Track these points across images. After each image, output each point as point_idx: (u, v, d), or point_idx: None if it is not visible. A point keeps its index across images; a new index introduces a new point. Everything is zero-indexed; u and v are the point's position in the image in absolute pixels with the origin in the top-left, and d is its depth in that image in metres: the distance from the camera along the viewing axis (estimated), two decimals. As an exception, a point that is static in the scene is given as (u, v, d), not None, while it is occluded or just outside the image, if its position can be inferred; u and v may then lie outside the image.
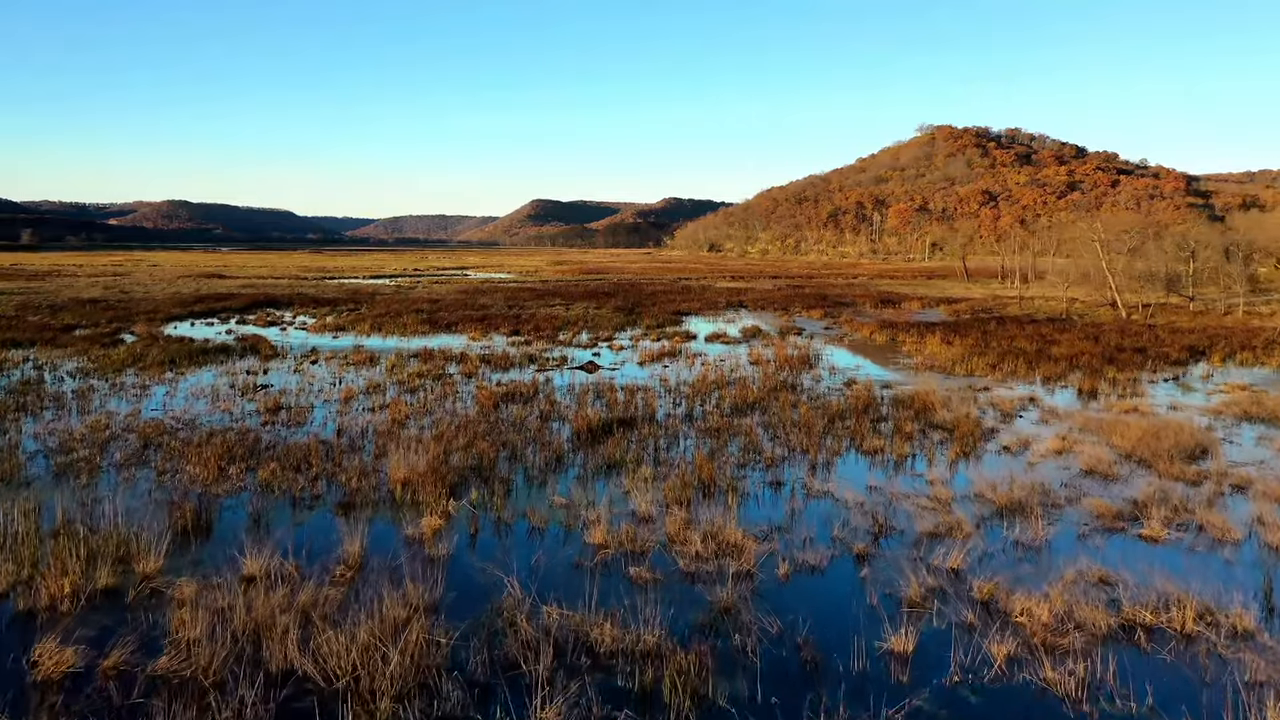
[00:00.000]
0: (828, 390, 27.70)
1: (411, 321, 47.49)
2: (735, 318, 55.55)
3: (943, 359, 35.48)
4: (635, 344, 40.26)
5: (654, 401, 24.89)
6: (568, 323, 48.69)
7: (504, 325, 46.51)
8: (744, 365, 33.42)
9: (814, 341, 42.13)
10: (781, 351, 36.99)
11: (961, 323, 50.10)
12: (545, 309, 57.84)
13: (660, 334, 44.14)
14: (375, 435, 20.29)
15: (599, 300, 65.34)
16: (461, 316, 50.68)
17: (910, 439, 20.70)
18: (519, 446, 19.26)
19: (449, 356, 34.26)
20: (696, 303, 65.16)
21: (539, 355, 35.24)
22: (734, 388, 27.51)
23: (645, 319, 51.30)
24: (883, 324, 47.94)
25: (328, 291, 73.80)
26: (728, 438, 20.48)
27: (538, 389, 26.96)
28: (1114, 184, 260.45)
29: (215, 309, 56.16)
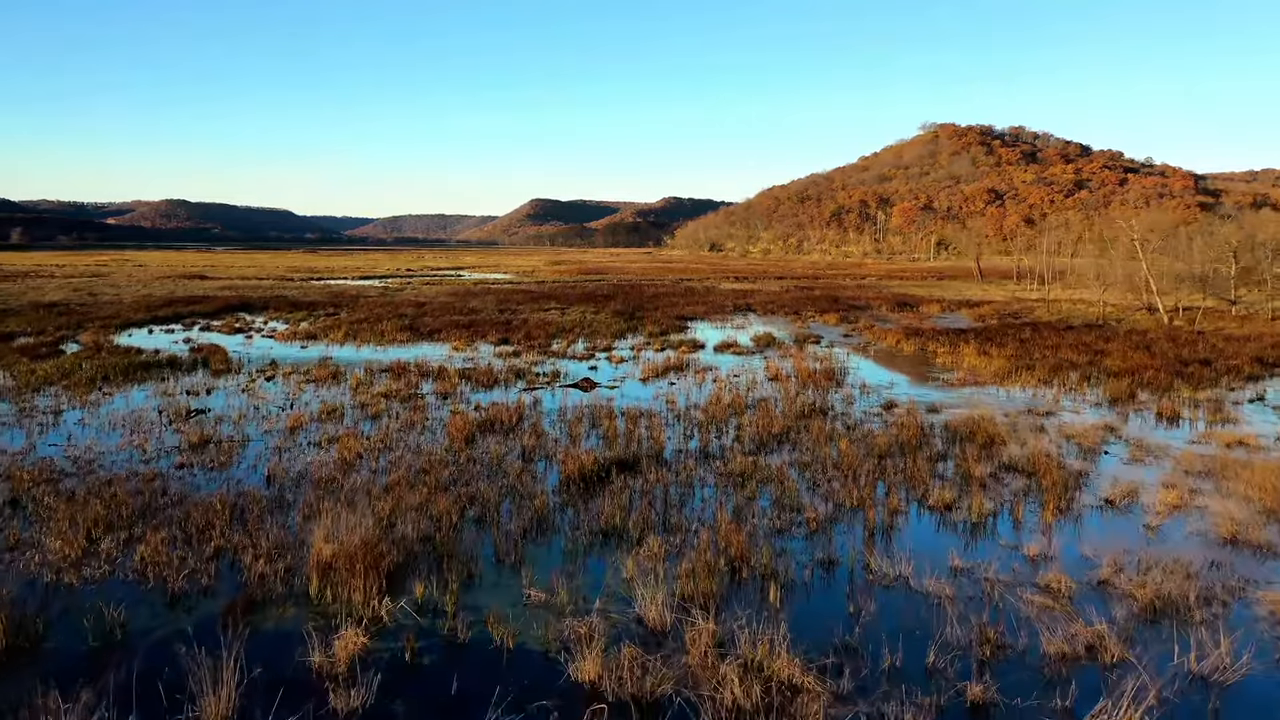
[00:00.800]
0: (865, 415, 23.50)
1: (391, 328, 43.26)
2: (744, 323, 51.35)
3: (985, 373, 31.31)
4: (637, 355, 36.06)
5: (660, 432, 20.69)
6: (563, 329, 44.49)
7: (492, 333, 42.31)
8: (761, 381, 29.22)
9: (835, 351, 37.92)
10: (802, 364, 32.78)
11: (991, 329, 45.90)
12: (539, 313, 53.63)
13: (664, 343, 39.93)
14: (311, 485, 16.08)
15: (597, 303, 61.14)
16: (447, 322, 46.47)
17: (984, 487, 16.51)
18: (491, 502, 15.05)
19: (425, 372, 30.05)
20: (701, 306, 60.97)
21: (528, 370, 31.01)
22: (754, 412, 23.31)
23: (647, 325, 47.11)
24: (908, 331, 43.72)
25: (310, 294, 69.60)
26: (755, 486, 16.27)
27: (522, 415, 22.75)
28: (1122, 182, 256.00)
29: (183, 313, 51.94)
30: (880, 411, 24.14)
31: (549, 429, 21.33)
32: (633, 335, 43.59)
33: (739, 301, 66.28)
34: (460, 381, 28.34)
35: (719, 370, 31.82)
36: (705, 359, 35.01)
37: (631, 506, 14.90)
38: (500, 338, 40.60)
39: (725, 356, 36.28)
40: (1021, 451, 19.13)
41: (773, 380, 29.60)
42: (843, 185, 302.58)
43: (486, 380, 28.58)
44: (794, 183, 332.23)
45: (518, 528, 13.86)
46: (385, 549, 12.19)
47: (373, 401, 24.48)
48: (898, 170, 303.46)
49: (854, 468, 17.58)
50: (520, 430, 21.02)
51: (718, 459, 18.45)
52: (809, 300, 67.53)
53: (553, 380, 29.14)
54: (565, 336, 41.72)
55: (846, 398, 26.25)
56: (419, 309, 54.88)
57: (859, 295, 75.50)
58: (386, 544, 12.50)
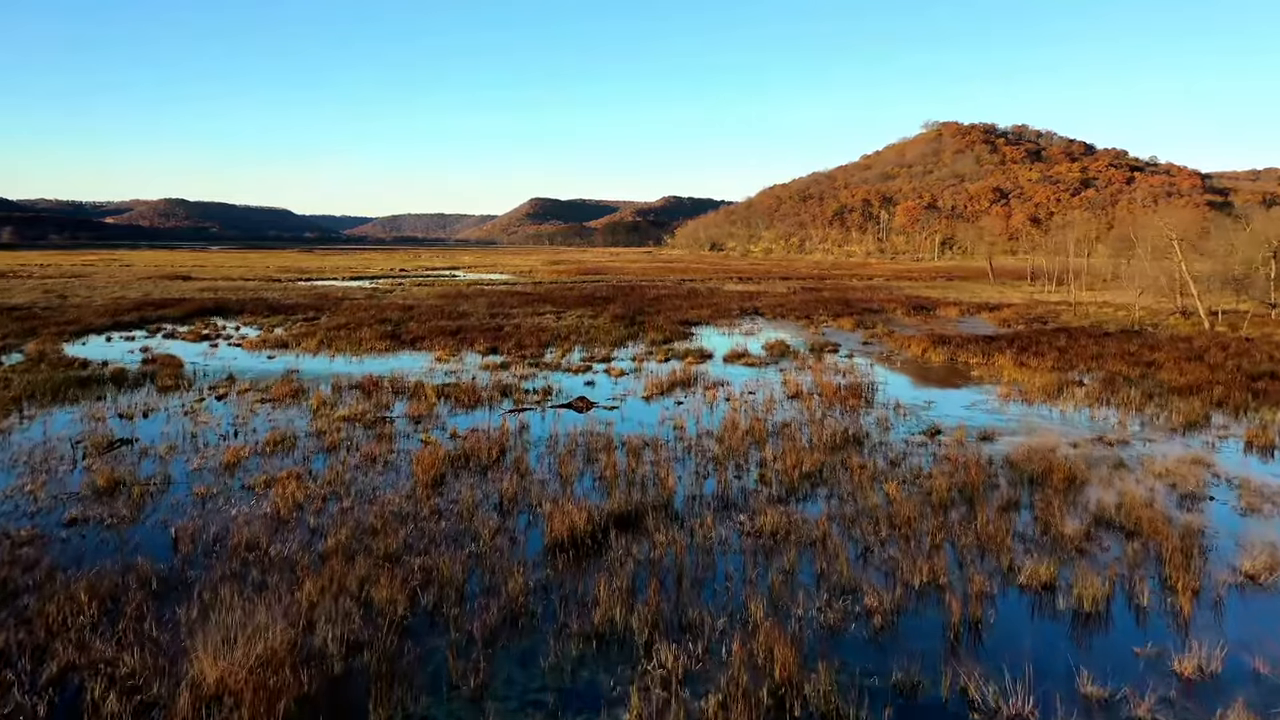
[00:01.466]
0: (908, 446, 20.00)
1: (370, 336, 39.73)
2: (753, 328, 47.82)
3: (1030, 388, 27.81)
4: (639, 366, 32.55)
5: (668, 471, 17.17)
6: (557, 337, 40.96)
7: (481, 340, 38.80)
8: (780, 400, 25.70)
9: (857, 363, 34.40)
10: (824, 379, 29.27)
11: (1021, 336, 42.39)
12: (533, 318, 50.11)
13: (668, 352, 36.40)
14: (226, 554, 12.58)
15: (595, 307, 57.62)
16: (433, 329, 42.94)
17: (1083, 553, 13.02)
18: (452, 582, 11.53)
19: (400, 388, 26.54)
20: (706, 309, 57.45)
21: (516, 386, 27.48)
22: (777, 442, 19.82)
23: (649, 331, 43.59)
24: (933, 339, 40.18)
25: (293, 296, 66.06)
26: (793, 554, 12.76)
27: (505, 446, 19.25)
28: (1129, 181, 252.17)
29: (150, 318, 48.41)
30: (924, 440, 20.63)
31: (535, 465, 17.82)
32: (634, 343, 40.08)
33: (745, 304, 62.76)
34: (438, 401, 24.82)
35: (731, 386, 28.31)
36: (714, 372, 31.49)
37: (635, 589, 11.39)
38: (489, 346, 37.07)
39: (736, 368, 32.77)
40: (1112, 498, 15.62)
41: (793, 399, 26.09)
42: (845, 184, 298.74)
43: (468, 399, 25.05)
44: (795, 181, 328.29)
45: (483, 627, 10.33)
46: (290, 675, 8.67)
47: (332, 428, 20.97)
48: (901, 169, 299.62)
49: (911, 524, 14.09)
50: (501, 468, 17.51)
51: (740, 510, 14.94)
52: (819, 303, 64.02)
53: (544, 399, 25.61)
54: (560, 345, 38.20)
55: (881, 421, 22.73)
56: (405, 313, 51.36)
57: (870, 297, 71.99)
58: (297, 660, 8.99)
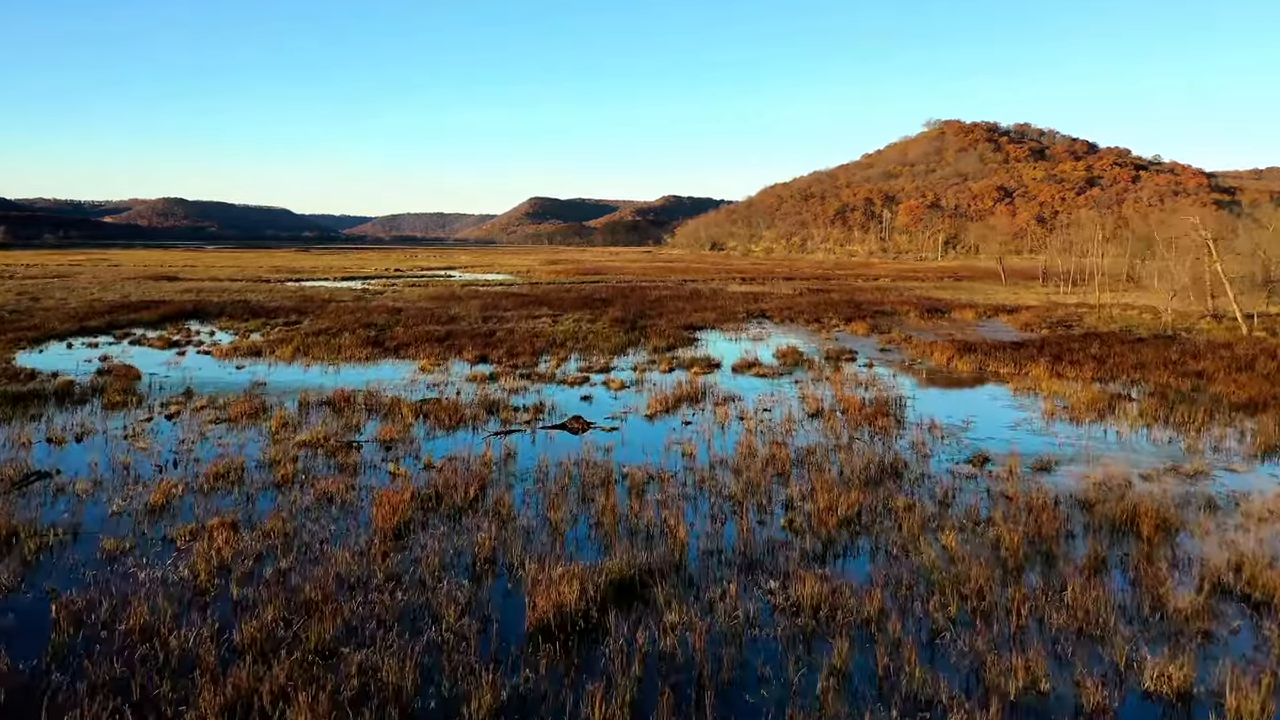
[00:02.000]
0: (955, 479, 17.20)
1: (352, 342, 36.92)
2: (761, 333, 45.01)
3: (1074, 402, 25.03)
4: (640, 377, 29.74)
5: (678, 516, 14.37)
6: (553, 343, 38.15)
7: (470, 347, 36.00)
8: (800, 419, 22.91)
9: (878, 373, 31.61)
10: (845, 393, 26.47)
11: (1049, 342, 39.60)
12: (528, 322, 47.30)
13: (672, 361, 33.59)
14: (114, 647, 9.75)
15: (594, 310, 54.81)
16: (420, 334, 40.11)
17: (1213, 639, 10.22)
18: (395, 696, 8.70)
19: (374, 406, 23.73)
20: (710, 312, 54.64)
21: (504, 402, 24.66)
22: (803, 474, 17.05)
23: (651, 337, 40.77)
24: (956, 345, 37.36)
25: (278, 298, 63.22)
26: (844, 647, 9.92)
27: (485, 482, 16.45)
28: (1134, 180, 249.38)
29: (121, 322, 45.57)
30: (972, 471, 17.83)
31: (519, 507, 15.01)
32: (635, 350, 37.27)
33: (751, 307, 59.96)
34: (415, 421, 22.01)
35: (743, 401, 25.50)
36: (724, 384, 28.68)
37: (642, 704, 8.57)
38: (478, 355, 34.25)
39: (747, 380, 29.96)
40: (1221, 554, 12.84)
41: (814, 417, 23.28)
42: (847, 183, 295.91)
43: (449, 419, 22.23)
44: (796, 180, 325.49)
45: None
46: None
47: (288, 456, 18.16)
48: (903, 167, 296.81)
49: (984, 594, 11.29)
50: (478, 511, 14.71)
51: (769, 573, 12.13)
52: (827, 305, 61.21)
53: (534, 418, 22.79)
54: (555, 353, 35.39)
55: (918, 446, 19.93)
56: (392, 316, 48.55)
57: (880, 299, 69.19)
58: None
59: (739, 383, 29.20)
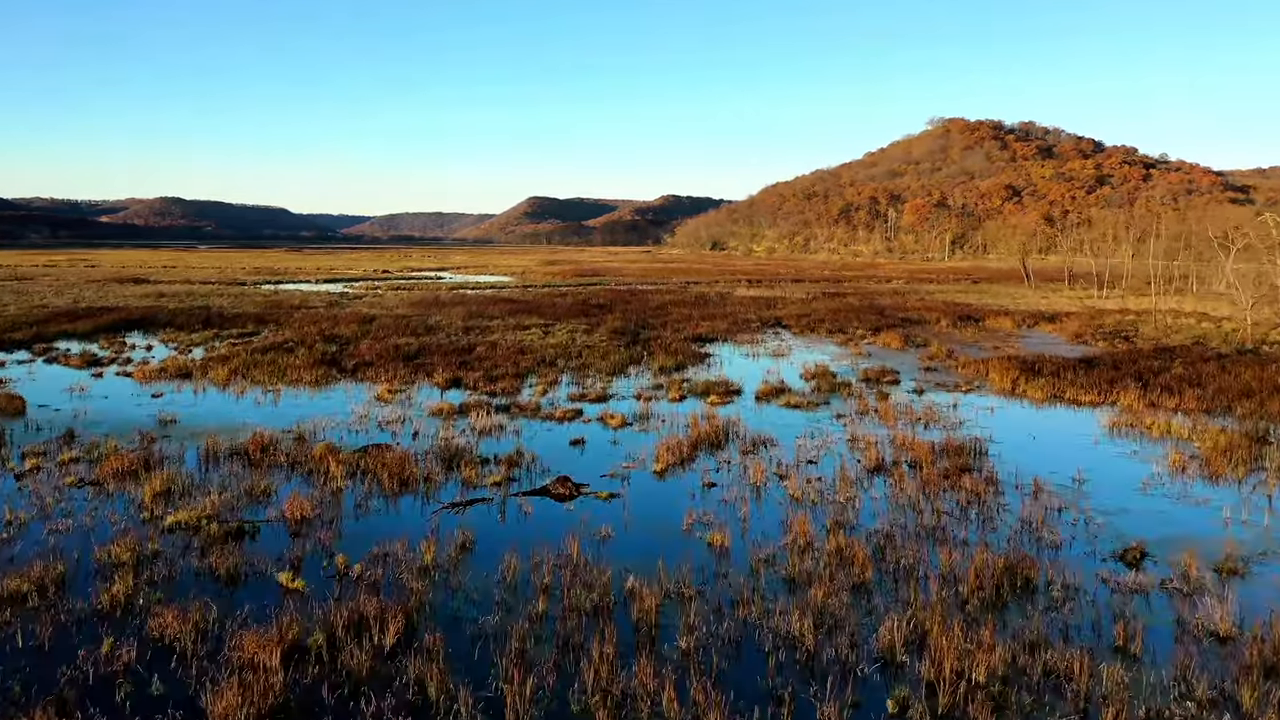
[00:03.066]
0: (1120, 599, 11.62)
1: (303, 361, 31.32)
2: (782, 347, 39.41)
3: (1204, 450, 19.49)
4: (645, 408, 24.16)
5: (715, 691, 8.79)
6: (541, 361, 32.58)
7: (443, 367, 30.45)
8: (857, 477, 17.34)
9: (933, 401, 26.03)
10: (902, 432, 20.92)
11: (1122, 359, 34.04)
12: (515, 333, 41.70)
13: (683, 385, 28.02)
14: None
15: (591, 318, 49.23)
16: (388, 349, 34.50)
17: None
18: None
19: (299, 457, 18.16)
20: (720, 321, 49.06)
21: (470, 450, 19.07)
22: (893, 588, 11.51)
23: (656, 352, 35.19)
24: (1015, 364, 31.74)
25: (246, 303, 57.58)
26: None
27: (423, 603, 10.90)
28: (1145, 178, 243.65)
29: (51, 333, 39.95)
30: (1137, 581, 12.23)
31: (458, 673, 9.40)
32: (637, 370, 31.71)
33: (764, 313, 54.38)
34: (346, 484, 16.44)
35: (778, 446, 19.95)
36: (749, 419, 23.08)
37: None
38: (450, 377, 28.67)
39: (777, 411, 24.41)
40: None
41: (876, 473, 17.73)
42: (850, 181, 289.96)
43: (393, 479, 16.65)
44: (799, 179, 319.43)
45: None
46: None
47: (143, 553, 12.58)
48: (908, 166, 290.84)
49: None
50: (399, 676, 9.12)
51: None
52: (847, 311, 55.62)
53: (507, 477, 17.17)
54: (543, 374, 29.82)
55: (1034, 527, 14.35)
56: (363, 327, 42.94)
57: (901, 304, 63.64)
58: None
59: (768, 416, 23.62)
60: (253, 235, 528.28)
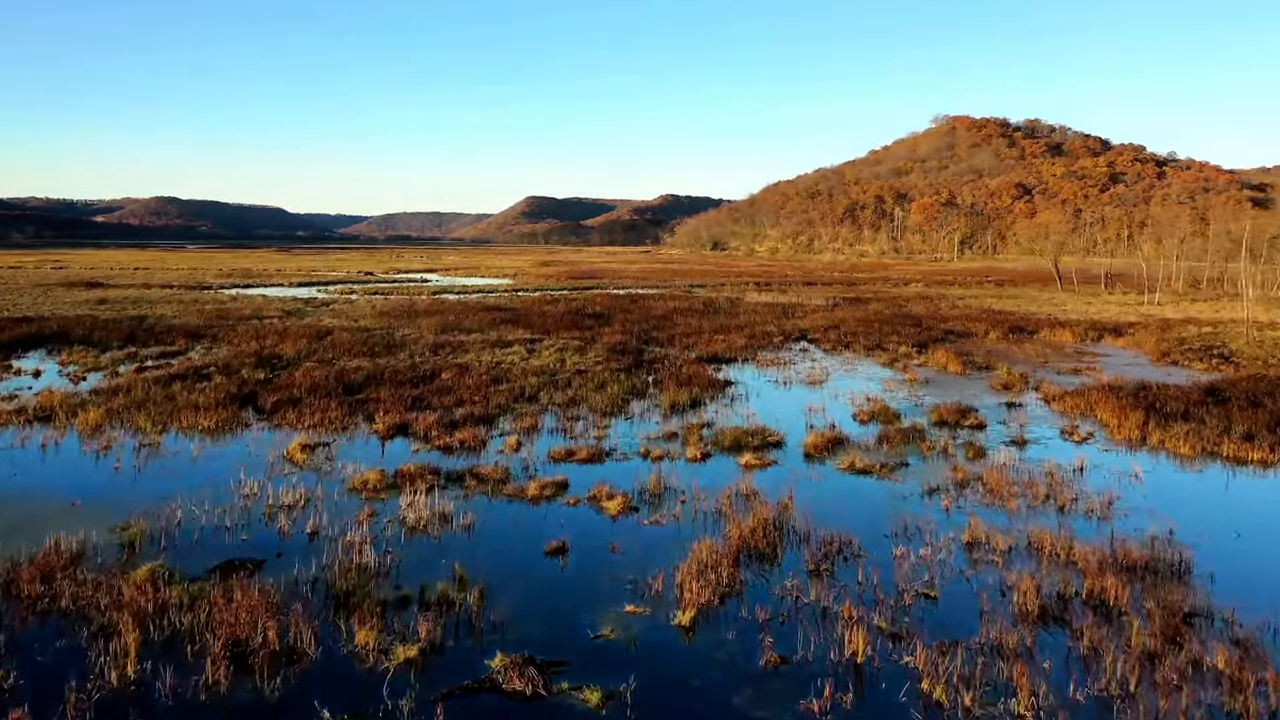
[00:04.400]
0: None
1: (214, 397, 24.24)
2: (816, 371, 32.37)
3: None
4: (656, 479, 17.07)
5: None
6: (520, 394, 25.57)
7: (392, 403, 23.45)
8: (1014, 632, 10.35)
9: (1053, 461, 19.01)
10: (1043, 533, 13.93)
11: (1260, 389, 27.08)
12: (493, 351, 34.65)
13: (705, 435, 21.00)
14: None
15: (585, 330, 42.21)
16: (328, 378, 27.45)
17: None
18: None
19: (95, 599, 11.15)
20: (735, 334, 42.06)
21: (380, 577, 12.06)
22: None
23: (665, 380, 28.19)
24: (1129, 399, 24.71)
25: (190, 313, 50.47)
26: None
27: None
28: (1159, 176, 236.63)
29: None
30: None
31: None
32: (642, 406, 24.69)
33: (784, 324, 47.39)
34: (136, 670, 9.42)
35: (861, 558, 12.97)
36: (804, 494, 16.07)
37: None
38: (395, 423, 21.64)
39: (838, 479, 17.43)
40: None
41: (1041, 623, 10.74)
42: (855, 180, 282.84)
43: (220, 661, 9.62)
44: (801, 178, 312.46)
45: None
46: None
47: None
48: (913, 164, 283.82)
49: None
50: None
51: None
52: (878, 321, 48.63)
53: (429, 652, 10.15)
54: (519, 416, 22.78)
55: None
56: (312, 344, 35.90)
57: (933, 311, 56.69)
58: None
59: (829, 490, 16.64)
60: (248, 235, 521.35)
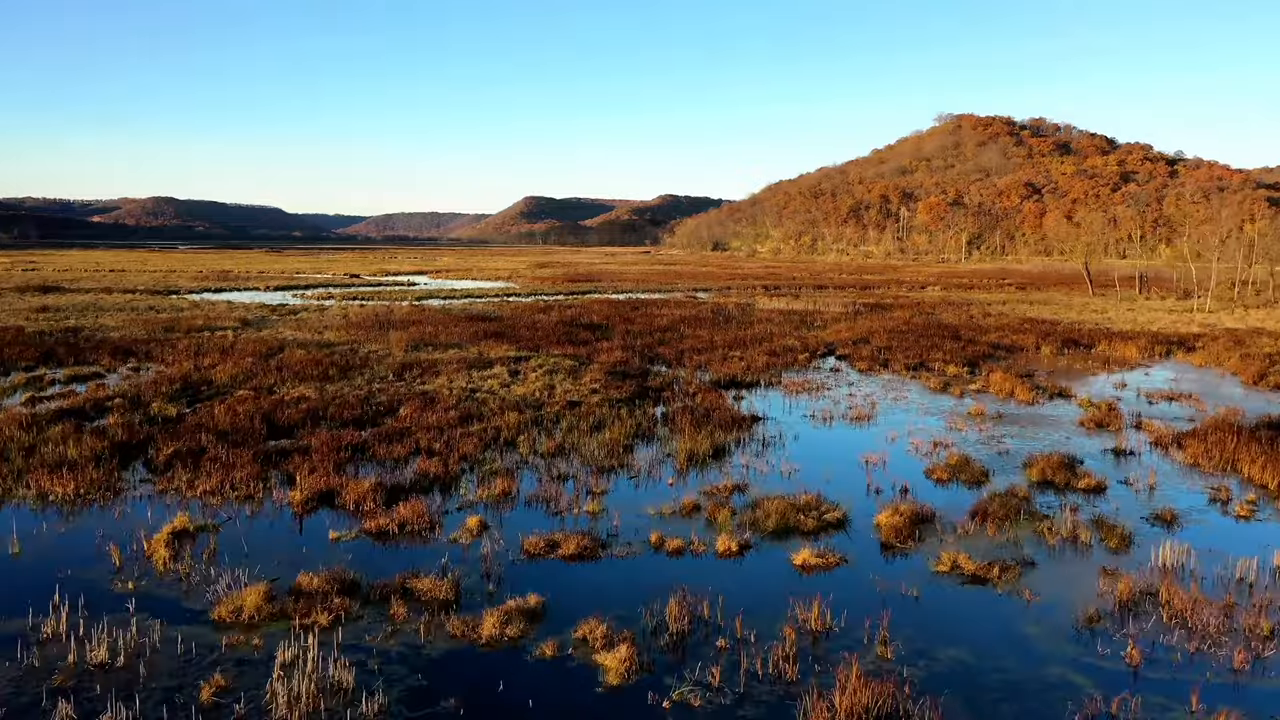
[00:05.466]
0: None
1: (95, 444, 18.68)
2: (857, 400, 26.81)
3: None
4: (681, 593, 11.55)
5: None
6: (494, 437, 20.03)
7: (329, 453, 17.90)
8: None
9: (1213, 548, 13.49)
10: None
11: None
12: (471, 375, 29.10)
13: (734, 509, 15.49)
14: None
15: (580, 344, 36.67)
16: (255, 413, 21.88)
17: None
18: None
19: None
20: (754, 349, 36.55)
21: None
22: None
23: (677, 416, 22.64)
24: (1270, 444, 19.26)
25: (135, 324, 44.89)
26: None
27: None
28: (1172, 175, 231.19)
29: None
30: None
31: None
32: (649, 456, 19.17)
33: (805, 335, 41.90)
34: None
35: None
36: (901, 618, 10.56)
37: None
38: (320, 488, 16.06)
39: (937, 593, 11.92)
40: None
41: None
42: (859, 179, 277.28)
43: None
44: (804, 177, 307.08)
45: None
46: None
47: None
48: (919, 162, 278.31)
49: None
50: None
51: None
52: (910, 334, 43.12)
53: None
54: (489, 473, 17.21)
55: None
56: (260, 362, 30.34)
57: (969, 321, 51.24)
58: None
59: (937, 619, 11.13)
60: (244, 235, 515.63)
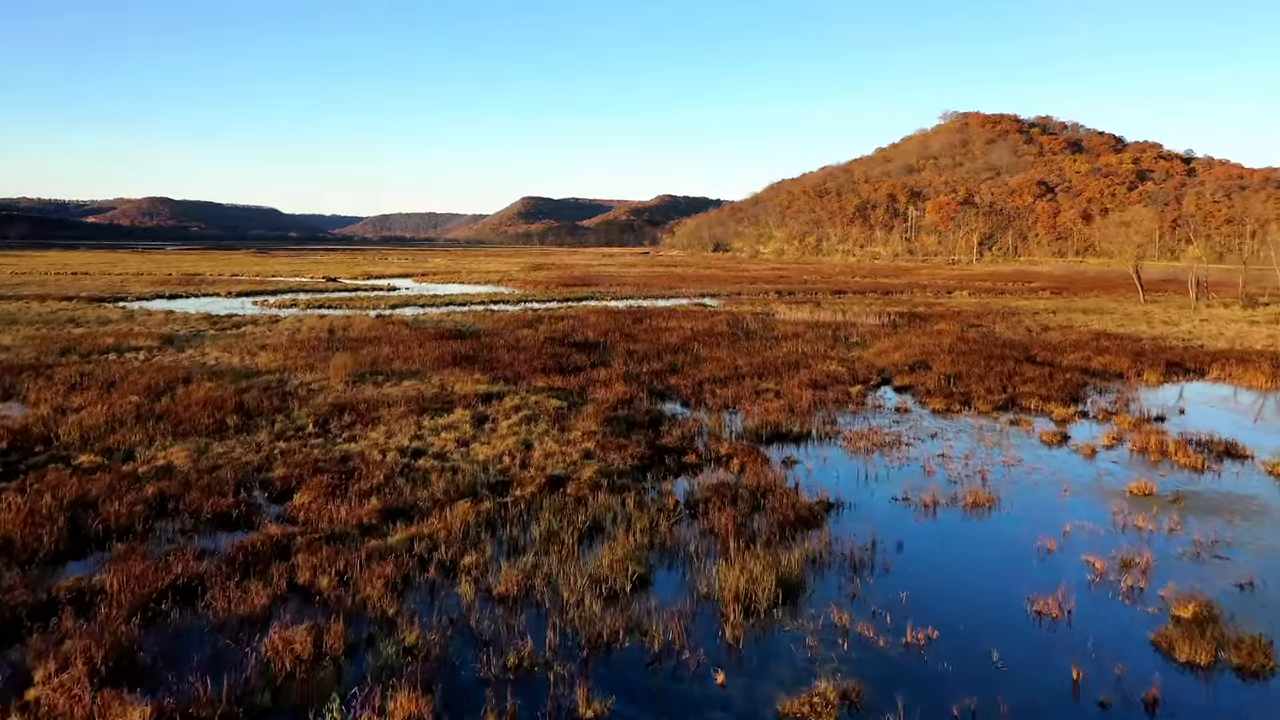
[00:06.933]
0: None
1: None
2: (953, 465, 19.19)
3: None
4: None
5: None
6: (428, 554, 12.40)
7: (129, 601, 10.24)
8: None
9: None
10: None
11: None
12: (422, 422, 21.44)
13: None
14: None
15: (570, 374, 29.06)
16: (73, 500, 14.25)
17: None
18: None
19: None
20: (789, 378, 28.95)
21: None
22: None
23: (709, 506, 15.05)
24: None
25: (45, 341, 37.26)
26: None
27: None
28: (1189, 173, 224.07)
29: None
30: None
31: None
32: (671, 597, 11.53)
33: (847, 359, 34.26)
34: None
35: None
36: None
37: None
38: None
39: None
40: None
41: None
42: (864, 178, 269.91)
43: None
44: (807, 176, 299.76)
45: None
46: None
47: None
48: (926, 161, 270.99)
49: None
50: None
51: None
52: (973, 355, 35.46)
53: None
54: (378, 677, 9.56)
55: None
56: (149, 401, 22.67)
57: (1031, 336, 43.69)
58: None
59: None
60: (239, 236, 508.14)
